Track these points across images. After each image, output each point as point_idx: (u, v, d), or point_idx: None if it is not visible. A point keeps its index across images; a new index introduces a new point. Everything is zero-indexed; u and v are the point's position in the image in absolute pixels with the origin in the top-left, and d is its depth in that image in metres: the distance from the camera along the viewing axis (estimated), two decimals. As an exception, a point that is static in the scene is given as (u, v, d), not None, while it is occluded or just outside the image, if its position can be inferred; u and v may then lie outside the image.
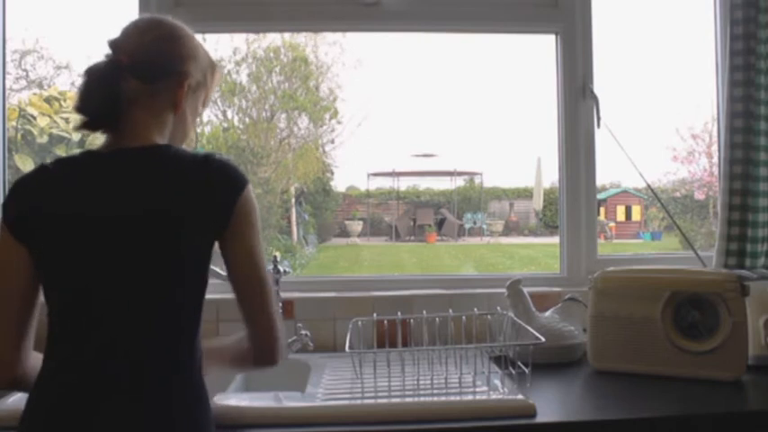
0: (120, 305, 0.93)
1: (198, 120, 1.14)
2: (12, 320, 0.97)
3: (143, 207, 0.94)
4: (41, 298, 0.99)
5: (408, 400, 1.24)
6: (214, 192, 0.97)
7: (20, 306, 0.97)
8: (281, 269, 1.61)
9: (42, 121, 6.24)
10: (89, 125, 0.99)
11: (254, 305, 1.02)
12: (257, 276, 1.01)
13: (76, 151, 1.03)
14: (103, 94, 0.97)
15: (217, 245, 1.00)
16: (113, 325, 0.92)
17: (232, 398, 1.29)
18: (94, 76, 0.98)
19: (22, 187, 0.98)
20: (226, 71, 9.48)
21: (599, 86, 1.85)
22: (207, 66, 1.09)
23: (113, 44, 1.01)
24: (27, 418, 0.93)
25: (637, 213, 14.39)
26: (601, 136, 1.86)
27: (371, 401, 1.24)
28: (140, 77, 1.00)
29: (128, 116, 0.99)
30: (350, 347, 1.34)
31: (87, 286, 0.94)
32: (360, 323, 1.52)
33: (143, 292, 0.93)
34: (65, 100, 6.74)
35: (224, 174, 0.99)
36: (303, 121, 10.56)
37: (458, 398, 1.26)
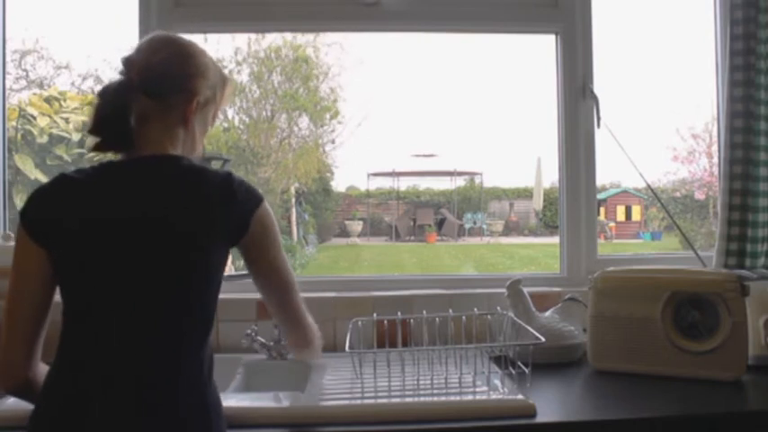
0: (127, 306, 0.94)
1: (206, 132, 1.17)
2: (26, 323, 0.99)
3: (156, 213, 0.97)
4: (53, 303, 1.01)
5: (408, 400, 1.24)
6: (234, 208, 1.00)
7: (34, 309, 0.99)
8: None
9: (42, 121, 6.24)
10: (101, 147, 1.02)
11: (281, 309, 1.13)
12: (280, 284, 1.11)
13: (76, 151, 1.04)
14: (116, 116, 1.00)
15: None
16: (119, 326, 0.94)
17: (232, 398, 1.29)
18: (107, 99, 1.01)
19: (42, 194, 1.00)
20: (227, 71, 9.47)
21: (599, 86, 1.85)
22: (217, 82, 1.12)
23: (126, 61, 1.04)
24: (35, 417, 0.94)
25: (637, 213, 14.39)
26: (601, 136, 1.86)
27: (371, 401, 1.23)
28: (151, 94, 1.02)
29: (141, 132, 1.02)
30: (350, 347, 1.34)
31: (97, 287, 0.95)
32: (360, 323, 1.52)
33: (150, 292, 0.95)
34: (65, 100, 6.74)
35: (241, 192, 1.02)
36: (304, 121, 10.56)
37: (458, 398, 1.26)
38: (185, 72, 1.06)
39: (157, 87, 1.03)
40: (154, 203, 0.97)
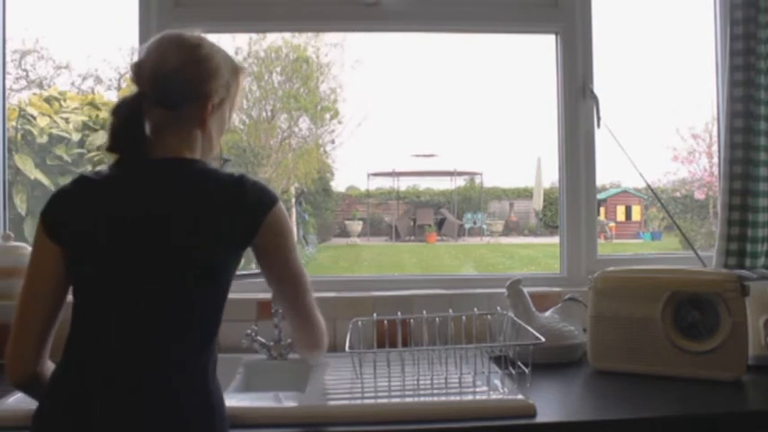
0: (132, 305, 0.95)
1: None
2: (38, 320, 1.00)
3: (162, 215, 0.97)
4: (65, 302, 1.02)
5: (408, 400, 1.24)
6: (243, 210, 1.00)
7: (48, 307, 1.00)
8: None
9: (42, 121, 6.22)
10: (120, 160, 1.03)
11: (292, 309, 1.13)
12: (292, 285, 1.10)
13: (76, 151, 1.04)
14: (132, 133, 1.00)
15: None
16: (124, 324, 0.94)
17: (232, 398, 1.29)
18: (122, 117, 1.01)
19: (62, 194, 1.02)
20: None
21: (599, 86, 1.85)
22: (229, 77, 1.10)
23: (137, 67, 1.04)
24: (39, 416, 0.94)
25: (637, 213, 14.38)
26: (601, 136, 1.86)
27: (371, 401, 1.23)
28: (165, 105, 1.02)
29: (157, 141, 1.02)
30: (350, 347, 1.34)
31: (104, 285, 0.96)
32: (360, 323, 1.52)
33: (155, 292, 0.95)
34: (65, 100, 6.73)
35: (254, 194, 1.02)
36: (304, 122, 10.56)
37: (458, 398, 1.26)
38: (198, 78, 1.04)
39: (171, 98, 1.02)
40: (161, 205, 0.98)
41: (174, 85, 1.02)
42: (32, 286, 1.01)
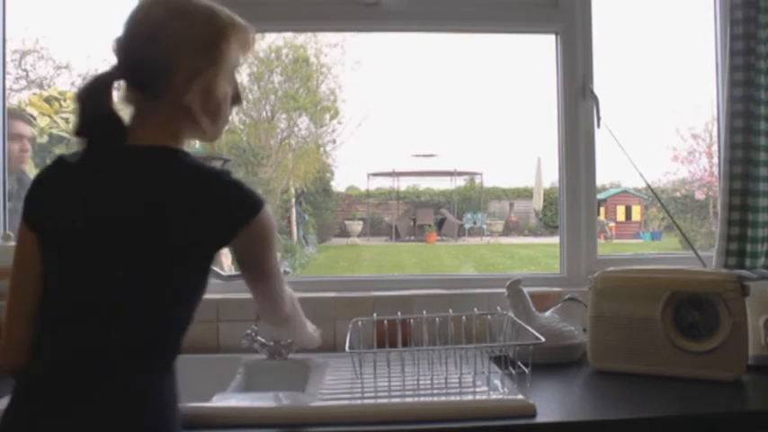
0: (96, 301, 0.92)
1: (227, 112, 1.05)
2: (27, 310, 0.98)
3: (141, 208, 0.93)
4: None
5: (408, 400, 1.24)
6: (219, 210, 0.95)
7: (35, 296, 0.97)
8: (281, 269, 1.62)
9: (42, 121, 6.23)
10: (92, 145, 0.98)
11: (256, 286, 1.09)
12: (264, 279, 1.07)
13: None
14: (92, 115, 0.96)
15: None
16: (87, 321, 0.92)
17: (232, 398, 1.29)
18: (82, 98, 0.96)
19: (39, 179, 0.99)
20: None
21: (599, 86, 1.85)
22: (211, 38, 0.97)
23: (114, 43, 0.99)
24: (3, 417, 0.92)
25: (637, 213, 14.39)
26: (601, 136, 1.86)
27: (371, 401, 1.23)
28: (137, 85, 0.97)
29: (137, 128, 0.98)
30: (350, 347, 1.34)
31: (72, 278, 0.94)
32: (360, 323, 1.52)
33: (124, 288, 0.92)
34: (65, 100, 6.73)
35: (233, 195, 0.96)
36: (304, 122, 10.58)
37: (458, 398, 1.26)
38: (168, 47, 0.94)
39: (141, 76, 0.95)
40: (136, 200, 0.93)
41: (144, 60, 0.94)
42: (18, 276, 0.98)
